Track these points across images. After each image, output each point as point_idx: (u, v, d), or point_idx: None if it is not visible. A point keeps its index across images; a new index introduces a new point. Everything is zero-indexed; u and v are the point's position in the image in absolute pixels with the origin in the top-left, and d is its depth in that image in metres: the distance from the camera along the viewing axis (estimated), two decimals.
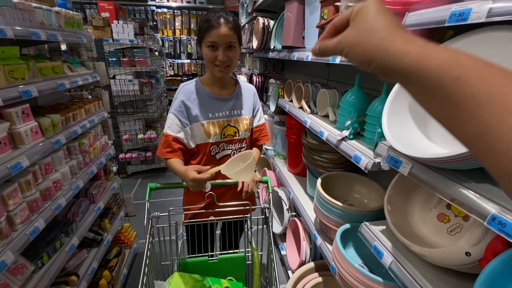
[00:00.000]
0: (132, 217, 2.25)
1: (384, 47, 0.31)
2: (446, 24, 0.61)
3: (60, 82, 1.20)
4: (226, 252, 1.13)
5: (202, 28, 1.05)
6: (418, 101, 0.31)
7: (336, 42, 0.37)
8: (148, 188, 1.11)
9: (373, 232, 0.96)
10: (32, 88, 1.02)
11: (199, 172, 1.00)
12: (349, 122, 1.13)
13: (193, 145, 1.20)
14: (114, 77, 2.97)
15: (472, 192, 0.57)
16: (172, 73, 5.36)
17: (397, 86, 0.80)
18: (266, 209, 1.15)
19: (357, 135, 1.19)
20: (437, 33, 0.83)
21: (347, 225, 1.20)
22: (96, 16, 2.72)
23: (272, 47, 2.23)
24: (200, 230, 1.15)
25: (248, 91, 1.31)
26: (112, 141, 1.90)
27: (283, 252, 2.04)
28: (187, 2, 4.98)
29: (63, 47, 1.73)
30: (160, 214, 1.09)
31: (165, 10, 5.02)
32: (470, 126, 0.25)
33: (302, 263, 1.63)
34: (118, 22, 2.81)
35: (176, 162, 1.13)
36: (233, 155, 1.25)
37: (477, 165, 0.57)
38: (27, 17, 1.11)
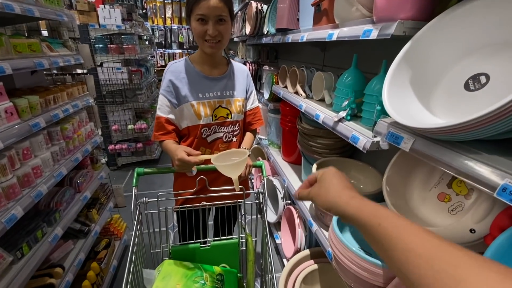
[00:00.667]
0: (122, 208, 2.18)
1: (336, 201, 0.47)
2: None
3: (38, 61, 1.12)
4: (219, 238, 1.08)
5: (191, 0, 0.98)
6: (365, 239, 0.41)
7: (307, 192, 0.55)
8: (136, 173, 1.05)
9: None
10: (5, 65, 0.94)
11: (189, 154, 0.95)
12: (346, 103, 1.09)
13: (184, 126, 1.15)
14: (101, 65, 2.85)
15: (479, 163, 0.53)
16: (163, 63, 5.23)
17: (397, 60, 0.76)
18: (260, 194, 1.10)
19: (354, 116, 1.14)
20: (441, 1, 0.78)
21: None
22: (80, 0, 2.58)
23: (265, 32, 2.16)
24: (192, 216, 1.09)
25: (241, 71, 1.25)
26: (99, 129, 1.81)
27: (277, 241, 2.01)
28: None
29: (45, 32, 1.61)
30: (149, 200, 1.04)
31: None
32: (394, 261, 0.34)
33: (297, 251, 1.60)
34: (104, 6, 2.68)
35: (169, 142, 1.09)
36: (226, 138, 1.19)
37: (482, 136, 0.53)
38: None
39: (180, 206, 1.05)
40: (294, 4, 1.60)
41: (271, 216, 2.12)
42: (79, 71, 2.25)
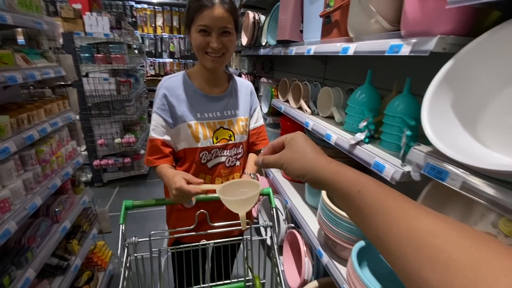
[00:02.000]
0: (107, 233, 1.98)
1: (312, 165, 0.43)
2: None
3: (10, 75, 0.95)
4: (222, 283, 0.93)
5: (192, 8, 0.85)
6: (342, 208, 0.39)
7: (277, 158, 0.48)
8: (123, 207, 0.89)
9: None
10: None
11: (188, 182, 0.81)
12: (364, 124, 0.98)
13: (180, 148, 1.01)
14: (87, 75, 2.67)
15: None
16: (153, 73, 5.07)
17: (436, 81, 0.65)
18: (269, 228, 0.96)
19: (370, 138, 1.03)
20: (481, 14, 0.69)
21: (362, 243, 1.04)
22: (66, 5, 2.42)
23: (264, 43, 2.06)
24: (190, 257, 0.94)
25: (244, 87, 1.13)
26: (80, 147, 1.63)
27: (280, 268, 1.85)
28: None
29: (21, 39, 1.44)
30: (139, 240, 0.88)
31: (145, 6, 4.73)
32: (372, 229, 0.33)
33: (304, 282, 1.45)
34: (91, 14, 2.53)
35: (164, 167, 0.94)
36: (228, 162, 1.06)
37: None
38: None
39: (177, 246, 0.90)
40: (297, 15, 1.50)
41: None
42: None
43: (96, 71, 2.68)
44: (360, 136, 0.97)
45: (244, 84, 1.13)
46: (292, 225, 1.72)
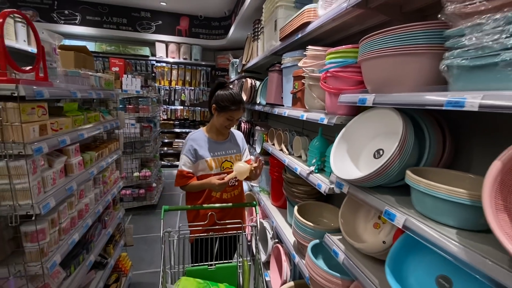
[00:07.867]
0: (130, 247, 2.42)
1: None
2: (366, 104, 1.09)
3: (98, 127, 1.58)
4: (222, 262, 1.43)
5: (228, 106, 1.52)
6: None
7: None
8: (163, 209, 1.44)
9: (332, 240, 1.32)
10: (84, 132, 1.40)
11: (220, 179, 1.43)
12: (314, 161, 1.57)
13: (198, 175, 1.59)
14: None
15: (377, 198, 0.98)
16: (165, 117, 5.85)
17: (338, 137, 1.26)
18: (254, 227, 1.49)
19: (322, 170, 1.61)
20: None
21: (317, 240, 1.54)
22: (109, 71, 3.22)
23: (258, 102, 2.77)
24: (202, 244, 1.45)
25: (238, 136, 1.78)
26: (121, 176, 2.20)
27: (267, 278, 2.27)
28: (184, 58, 5.72)
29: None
30: (171, 230, 1.41)
31: (164, 64, 5.71)
32: None
33: (284, 283, 1.89)
34: (127, 76, 3.32)
35: (196, 182, 1.54)
36: (231, 183, 1.64)
37: (378, 183, 1.00)
38: (84, 82, 1.54)
39: (196, 235, 1.43)
40: (279, 88, 2.21)
41: (261, 256, 2.41)
42: None
43: (126, 118, 3.38)
44: (312, 168, 1.55)
45: (237, 134, 1.78)
46: (277, 240, 2.19)
